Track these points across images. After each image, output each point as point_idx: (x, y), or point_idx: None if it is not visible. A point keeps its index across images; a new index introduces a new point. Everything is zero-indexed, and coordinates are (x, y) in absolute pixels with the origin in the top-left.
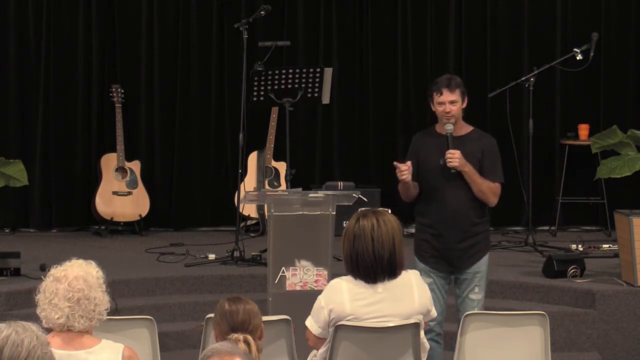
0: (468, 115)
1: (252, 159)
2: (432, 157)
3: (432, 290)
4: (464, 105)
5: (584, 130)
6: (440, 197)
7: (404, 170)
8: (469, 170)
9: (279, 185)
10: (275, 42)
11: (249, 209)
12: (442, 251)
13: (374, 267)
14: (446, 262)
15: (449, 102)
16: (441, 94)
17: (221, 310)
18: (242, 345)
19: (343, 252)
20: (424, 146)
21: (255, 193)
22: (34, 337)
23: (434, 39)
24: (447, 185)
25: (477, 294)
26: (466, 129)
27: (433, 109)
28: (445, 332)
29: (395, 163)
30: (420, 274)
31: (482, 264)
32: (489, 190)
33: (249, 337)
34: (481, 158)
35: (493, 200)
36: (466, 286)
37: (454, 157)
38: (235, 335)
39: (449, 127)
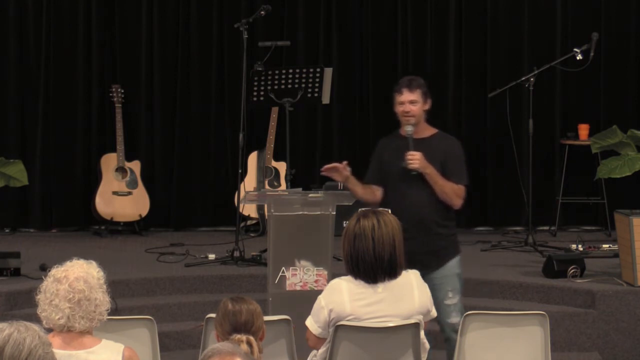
0: (469, 115)
1: (252, 159)
2: (394, 160)
3: None
4: (426, 107)
5: (584, 130)
6: (403, 200)
7: (329, 167)
8: (431, 172)
9: (279, 185)
10: (275, 42)
11: (249, 209)
12: (409, 255)
13: (375, 267)
14: (414, 266)
15: (409, 102)
16: (401, 93)
17: (224, 310)
18: (244, 346)
19: (343, 252)
20: (387, 149)
21: (255, 193)
22: (35, 336)
23: (434, 39)
24: (410, 187)
25: (451, 299)
26: (429, 131)
27: (395, 110)
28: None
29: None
30: None
31: (451, 267)
32: (452, 192)
33: (252, 339)
34: (444, 160)
35: (457, 202)
36: (438, 292)
37: (414, 159)
38: (237, 336)
39: (409, 129)
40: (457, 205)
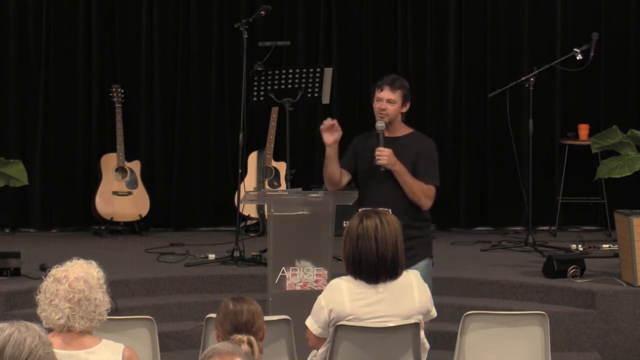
0: (469, 115)
1: (252, 159)
2: (367, 157)
3: None
4: (404, 109)
5: (584, 130)
6: (372, 198)
7: (331, 124)
8: (399, 170)
9: (279, 185)
10: (275, 42)
11: (249, 209)
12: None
13: (377, 268)
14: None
15: (387, 100)
16: (382, 90)
17: (225, 309)
18: (245, 347)
19: (344, 252)
20: (361, 147)
21: (255, 193)
22: (36, 336)
23: (434, 39)
24: (380, 186)
25: None
26: (405, 130)
27: (372, 105)
28: (445, 332)
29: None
30: None
31: (419, 269)
32: (420, 191)
33: (252, 339)
34: (416, 160)
35: (426, 202)
36: None
37: (382, 155)
38: (238, 336)
39: (380, 125)
40: (426, 206)
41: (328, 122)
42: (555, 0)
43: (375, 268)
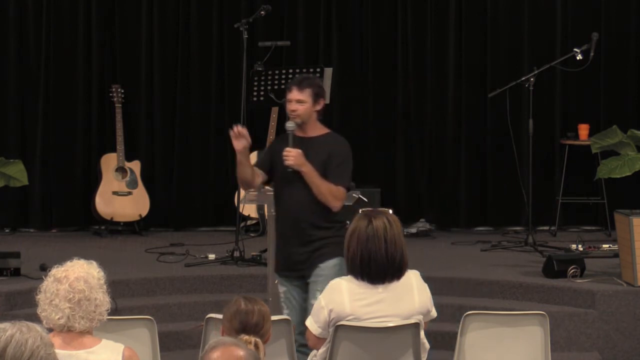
0: (469, 115)
1: (252, 159)
2: (280, 158)
3: (287, 299)
4: (317, 107)
5: (584, 130)
6: (283, 199)
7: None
8: (308, 171)
9: None
10: (275, 42)
11: (249, 209)
12: (289, 256)
13: (385, 268)
14: (290, 268)
15: (296, 101)
16: (290, 91)
17: (236, 307)
18: (251, 348)
19: (348, 253)
20: (278, 148)
21: (255, 193)
22: (37, 337)
23: (434, 39)
24: (290, 187)
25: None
26: (320, 130)
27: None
28: (445, 332)
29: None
30: (280, 282)
31: (325, 268)
32: (328, 192)
33: (259, 342)
34: (327, 160)
35: (334, 204)
36: (309, 291)
37: (290, 155)
38: (245, 337)
39: (290, 125)
40: (335, 206)
41: (237, 130)
42: (555, 0)
43: (383, 269)
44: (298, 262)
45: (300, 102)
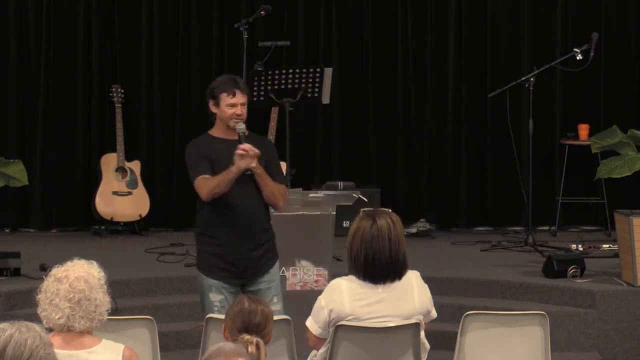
0: (469, 115)
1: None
2: (223, 161)
3: (223, 307)
4: None
5: (584, 130)
6: (232, 203)
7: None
8: (262, 172)
9: None
10: (275, 42)
11: None
12: (234, 263)
13: (389, 267)
14: (238, 275)
15: (241, 105)
16: (234, 95)
17: (240, 307)
18: (252, 348)
19: (351, 252)
20: (213, 152)
21: None
22: (37, 337)
23: (434, 39)
24: (241, 190)
25: (276, 304)
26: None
27: (214, 110)
28: (445, 332)
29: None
30: (211, 291)
31: (275, 272)
32: (279, 193)
33: (261, 342)
34: (267, 161)
35: (282, 203)
36: (264, 297)
37: (251, 151)
38: (247, 337)
39: (241, 127)
40: (282, 207)
41: (247, 149)
42: (555, 0)
43: (387, 268)
44: (247, 268)
45: (244, 105)
